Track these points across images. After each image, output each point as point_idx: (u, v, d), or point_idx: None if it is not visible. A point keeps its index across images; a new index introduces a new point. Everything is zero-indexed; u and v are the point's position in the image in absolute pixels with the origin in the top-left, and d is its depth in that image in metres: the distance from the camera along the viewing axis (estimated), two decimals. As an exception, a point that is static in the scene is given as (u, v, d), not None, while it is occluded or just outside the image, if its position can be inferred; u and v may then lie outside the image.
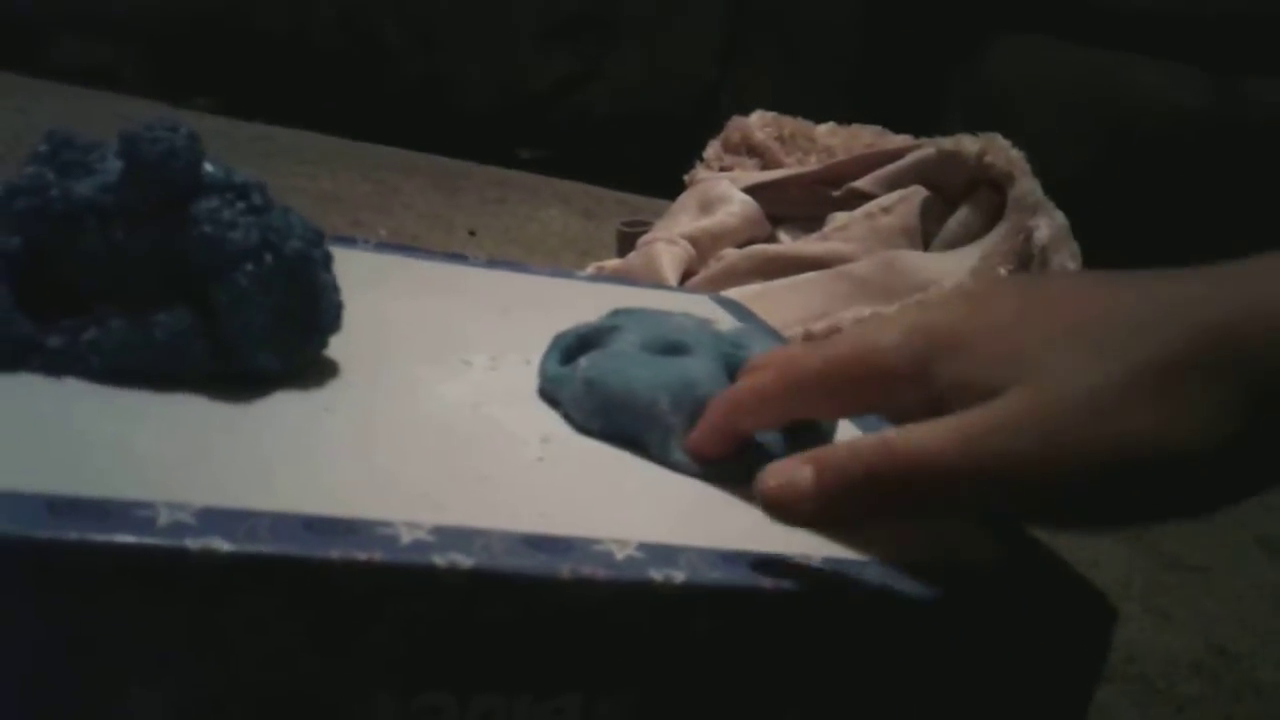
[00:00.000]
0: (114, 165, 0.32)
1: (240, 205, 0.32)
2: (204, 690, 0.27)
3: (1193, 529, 0.78)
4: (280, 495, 0.29)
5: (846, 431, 0.41)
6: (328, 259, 0.35)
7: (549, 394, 0.40)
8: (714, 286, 0.83)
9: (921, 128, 1.01)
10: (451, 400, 0.38)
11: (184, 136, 0.31)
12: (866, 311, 0.80)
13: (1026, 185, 0.87)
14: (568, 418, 0.39)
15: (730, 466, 0.36)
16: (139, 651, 0.26)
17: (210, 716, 0.27)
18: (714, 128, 1.10)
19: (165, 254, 0.32)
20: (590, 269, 0.92)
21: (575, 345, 0.41)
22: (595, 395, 0.38)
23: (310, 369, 0.36)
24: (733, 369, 0.38)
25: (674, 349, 0.39)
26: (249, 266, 0.32)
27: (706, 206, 0.96)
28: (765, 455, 0.35)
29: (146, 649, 0.26)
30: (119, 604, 0.25)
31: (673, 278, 0.86)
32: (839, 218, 0.93)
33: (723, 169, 1.05)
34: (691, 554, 0.30)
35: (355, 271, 0.39)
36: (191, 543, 0.26)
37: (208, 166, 0.32)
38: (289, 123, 1.50)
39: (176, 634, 0.26)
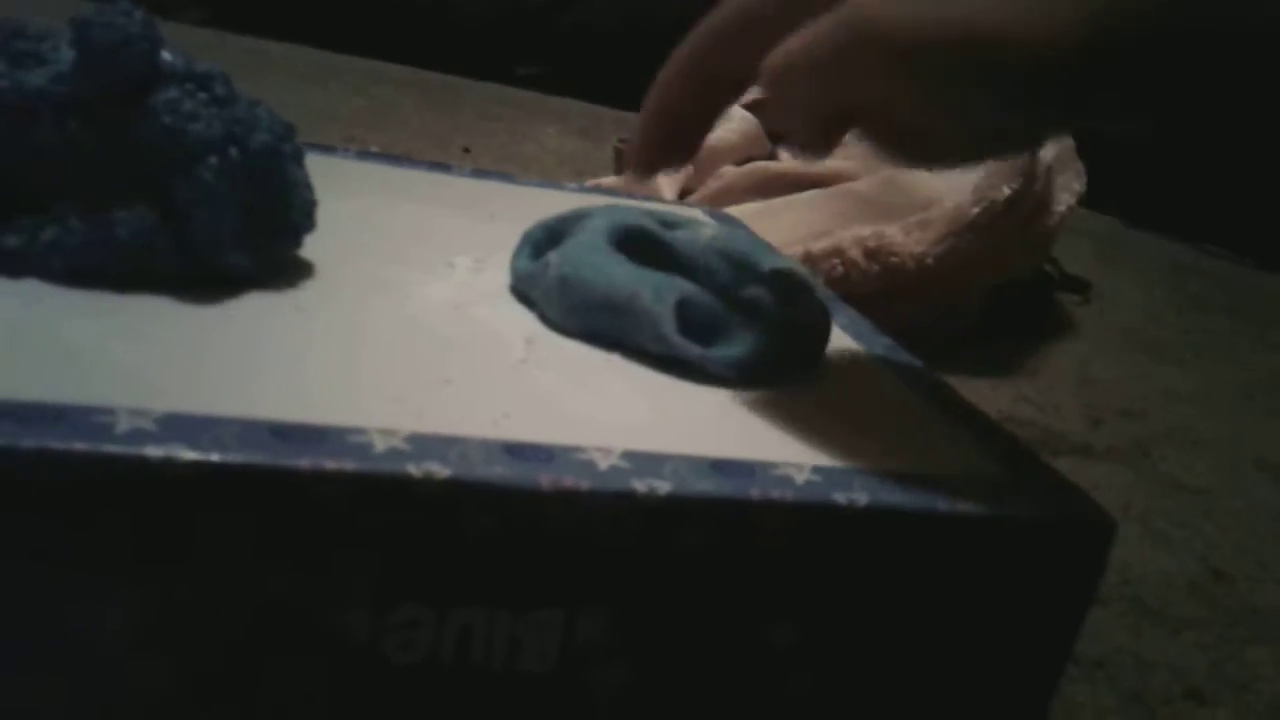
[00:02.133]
0: (68, 55, 0.30)
1: (202, 96, 0.30)
2: (169, 606, 0.25)
3: (1192, 451, 0.77)
4: (248, 401, 0.27)
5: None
6: (299, 154, 0.33)
7: (521, 292, 0.39)
8: (712, 204, 0.81)
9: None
10: (433, 300, 0.36)
11: (138, 22, 0.29)
12: (867, 230, 0.79)
13: (1034, 101, 0.85)
14: (543, 316, 0.37)
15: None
16: (99, 565, 0.25)
17: (177, 632, 0.26)
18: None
19: (124, 148, 0.30)
20: (587, 184, 0.90)
21: (544, 239, 0.40)
22: (571, 293, 0.36)
23: (283, 269, 0.34)
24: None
25: (641, 236, 0.38)
26: (213, 160, 0.30)
27: (705, 122, 0.94)
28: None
29: (107, 563, 0.25)
30: (76, 515, 0.24)
31: (670, 194, 0.84)
32: (840, 135, 0.91)
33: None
34: (678, 462, 0.29)
35: (335, 178, 0.38)
36: (152, 451, 0.24)
37: (166, 55, 0.31)
38: (282, 37, 1.46)
39: (138, 547, 0.25)
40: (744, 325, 0.36)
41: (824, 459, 0.31)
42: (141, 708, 0.26)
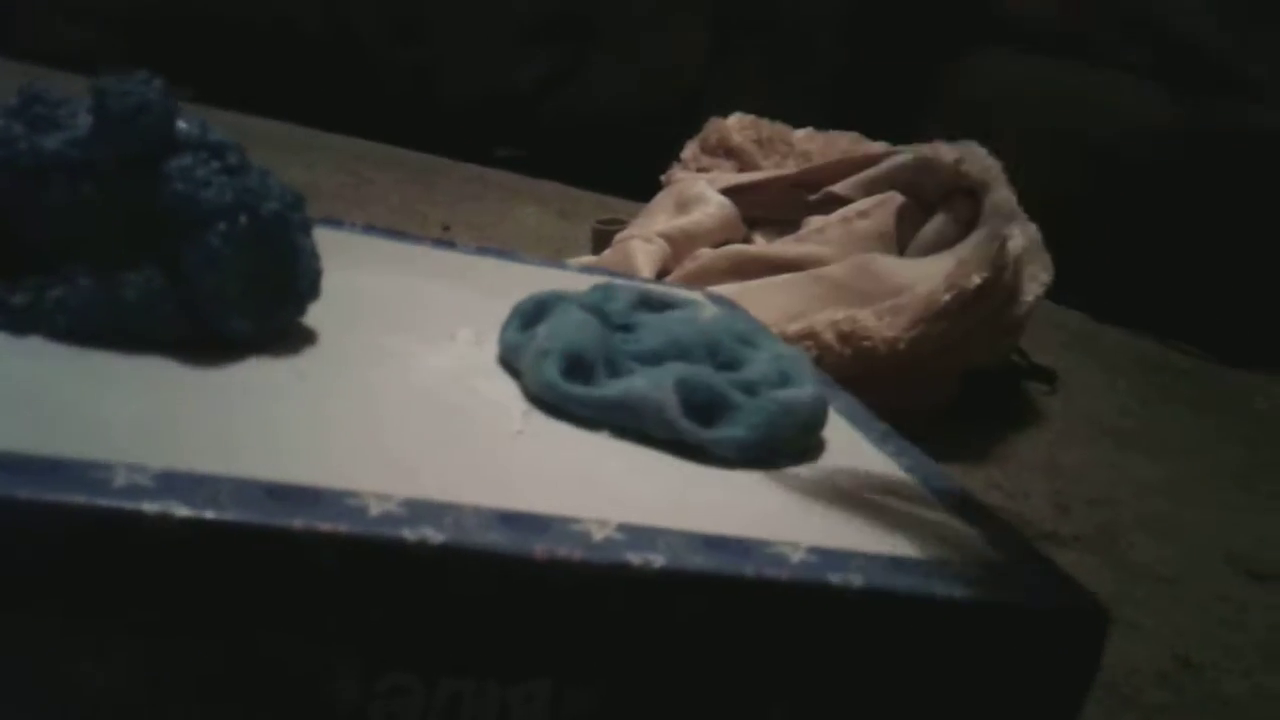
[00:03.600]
0: (85, 121, 0.31)
1: (215, 164, 0.31)
2: (159, 662, 0.25)
3: (1160, 540, 0.78)
4: (244, 461, 0.28)
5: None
6: (306, 224, 0.34)
7: (508, 362, 0.39)
8: (689, 284, 0.83)
9: (900, 135, 1.01)
10: (433, 371, 0.37)
11: (156, 90, 0.30)
12: (840, 314, 0.80)
13: (1002, 194, 0.87)
14: (525, 390, 0.37)
15: None
16: (93, 619, 0.25)
17: (165, 689, 0.26)
18: (693, 133, 1.09)
19: (136, 212, 0.31)
20: (577, 261, 0.91)
21: (533, 311, 0.40)
22: (560, 397, 0.37)
23: (286, 336, 0.35)
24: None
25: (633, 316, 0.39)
26: (222, 226, 0.31)
27: (683, 206, 0.96)
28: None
29: (100, 616, 0.25)
30: (72, 568, 0.24)
31: (648, 274, 0.86)
32: (815, 221, 0.93)
33: (700, 170, 1.04)
34: (673, 537, 0.29)
35: (341, 250, 0.39)
36: (148, 506, 0.25)
37: (182, 123, 0.31)
38: (266, 113, 1.48)
39: (131, 601, 0.25)
40: (744, 406, 0.37)
41: (820, 539, 0.32)
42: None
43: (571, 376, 0.36)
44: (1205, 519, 0.85)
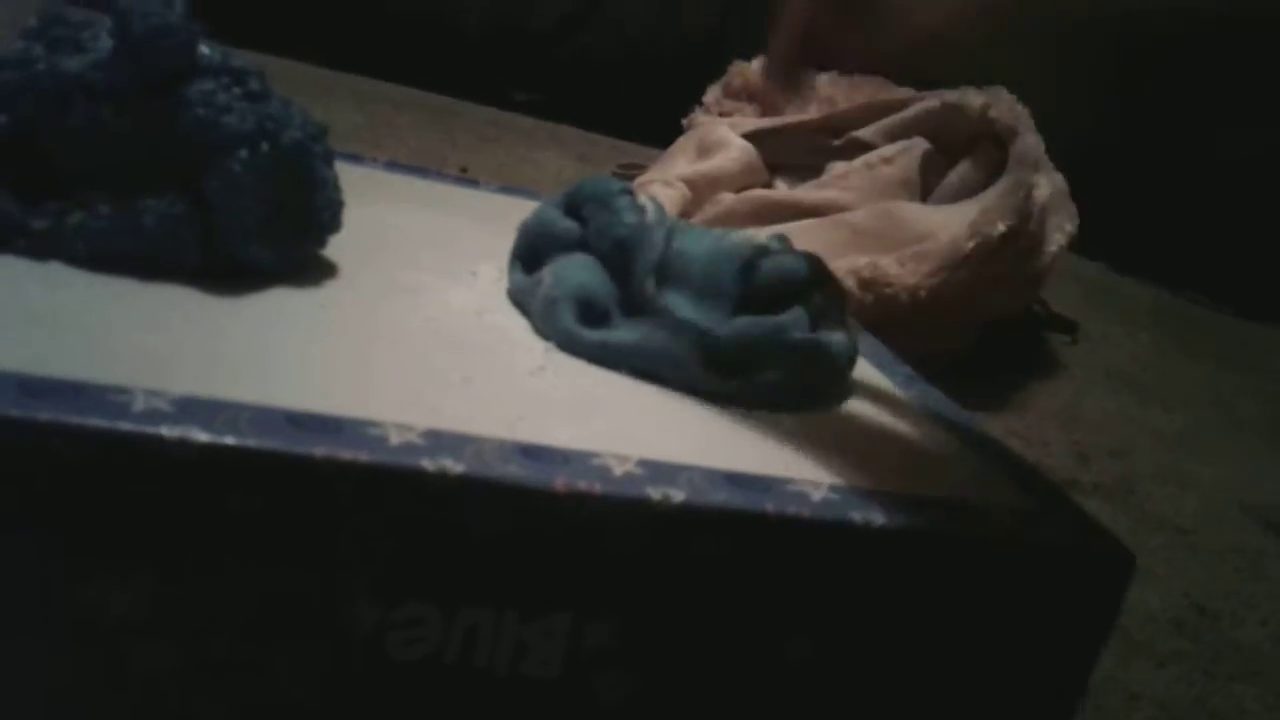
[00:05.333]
0: (107, 44, 0.30)
1: (236, 90, 0.31)
2: (175, 587, 0.25)
3: (1177, 491, 0.78)
4: (264, 389, 0.27)
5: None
6: (328, 155, 0.34)
7: (518, 302, 0.39)
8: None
9: (924, 82, 0.99)
10: (454, 305, 0.37)
11: (179, 13, 0.30)
12: (862, 260, 0.79)
13: (1030, 141, 0.86)
14: (537, 329, 0.37)
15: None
16: (111, 541, 0.25)
17: (181, 615, 0.26)
18: (714, 77, 1.08)
19: (156, 137, 0.30)
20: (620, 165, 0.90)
21: (528, 253, 0.39)
22: (568, 343, 0.36)
23: (307, 268, 0.35)
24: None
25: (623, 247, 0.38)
26: (243, 153, 0.30)
27: (705, 150, 0.95)
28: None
29: (118, 539, 0.25)
30: (91, 491, 0.24)
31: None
32: (838, 167, 0.92)
33: (722, 114, 1.03)
34: (693, 473, 0.29)
35: (362, 185, 0.38)
36: (167, 431, 0.24)
37: (204, 48, 0.31)
38: (283, 53, 1.46)
39: (149, 527, 0.25)
40: (773, 352, 0.36)
41: (841, 479, 0.32)
42: (142, 688, 0.26)
43: (587, 320, 0.36)
44: (1222, 471, 0.84)
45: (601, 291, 0.37)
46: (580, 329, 0.36)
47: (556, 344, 0.36)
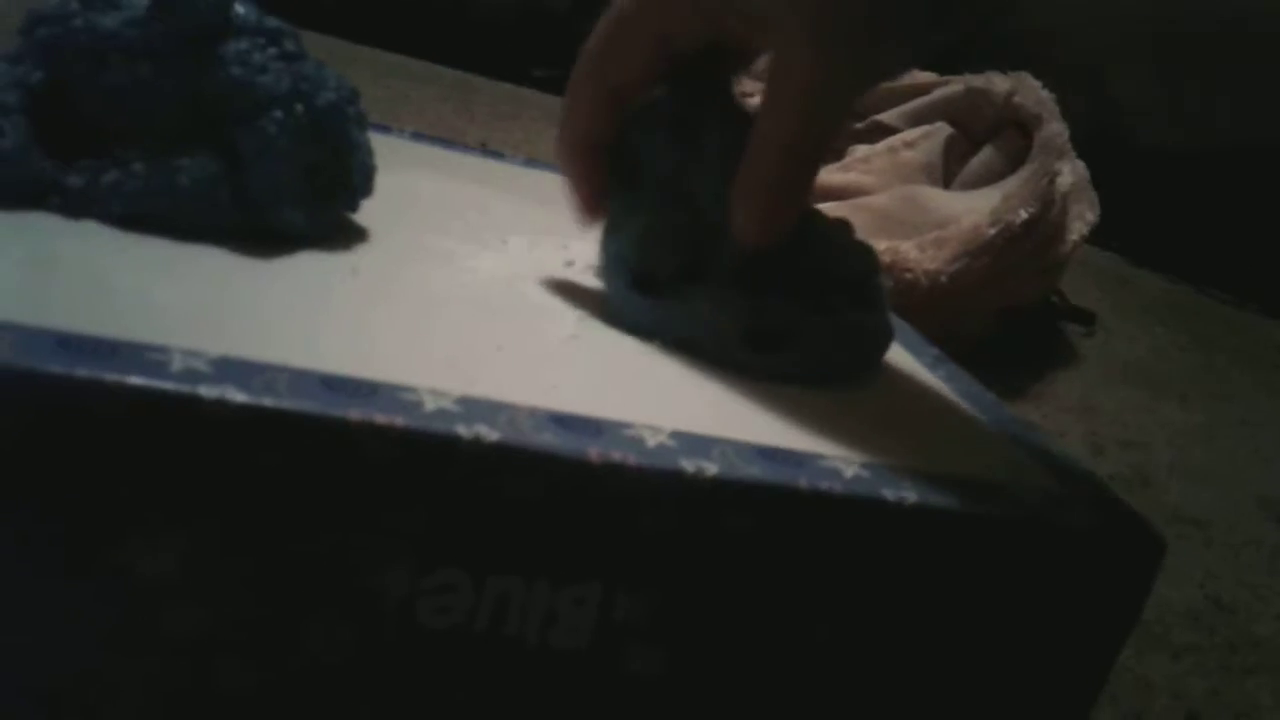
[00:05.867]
0: (143, 1, 0.30)
1: (272, 50, 0.30)
2: (210, 546, 0.25)
3: (1193, 484, 0.77)
4: (301, 352, 0.27)
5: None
6: (361, 118, 0.33)
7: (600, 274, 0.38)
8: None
9: (950, 65, 0.99)
10: (487, 273, 0.37)
11: (215, -29, 0.29)
12: (882, 245, 0.79)
13: (1055, 128, 0.85)
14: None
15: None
16: (145, 502, 0.25)
17: (214, 574, 0.26)
18: (736, 55, 1.07)
19: (192, 96, 0.30)
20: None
21: (619, 211, 0.38)
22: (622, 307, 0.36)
23: (339, 232, 0.34)
24: None
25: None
26: (278, 114, 0.30)
27: (726, 131, 0.94)
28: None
29: (153, 500, 0.25)
30: (127, 451, 0.24)
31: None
32: (860, 150, 0.91)
33: (745, 95, 1.02)
34: (727, 447, 0.29)
35: (392, 154, 0.38)
36: (206, 390, 0.24)
37: (239, 8, 0.31)
38: (300, 24, 1.46)
39: (185, 486, 0.25)
40: (809, 330, 0.36)
41: (874, 457, 0.31)
42: (171, 650, 0.26)
43: (641, 287, 0.36)
44: (1239, 465, 0.84)
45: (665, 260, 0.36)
46: (627, 291, 0.36)
47: (608, 301, 0.36)
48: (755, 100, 1.01)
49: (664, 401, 0.31)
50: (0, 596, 0.25)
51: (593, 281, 0.38)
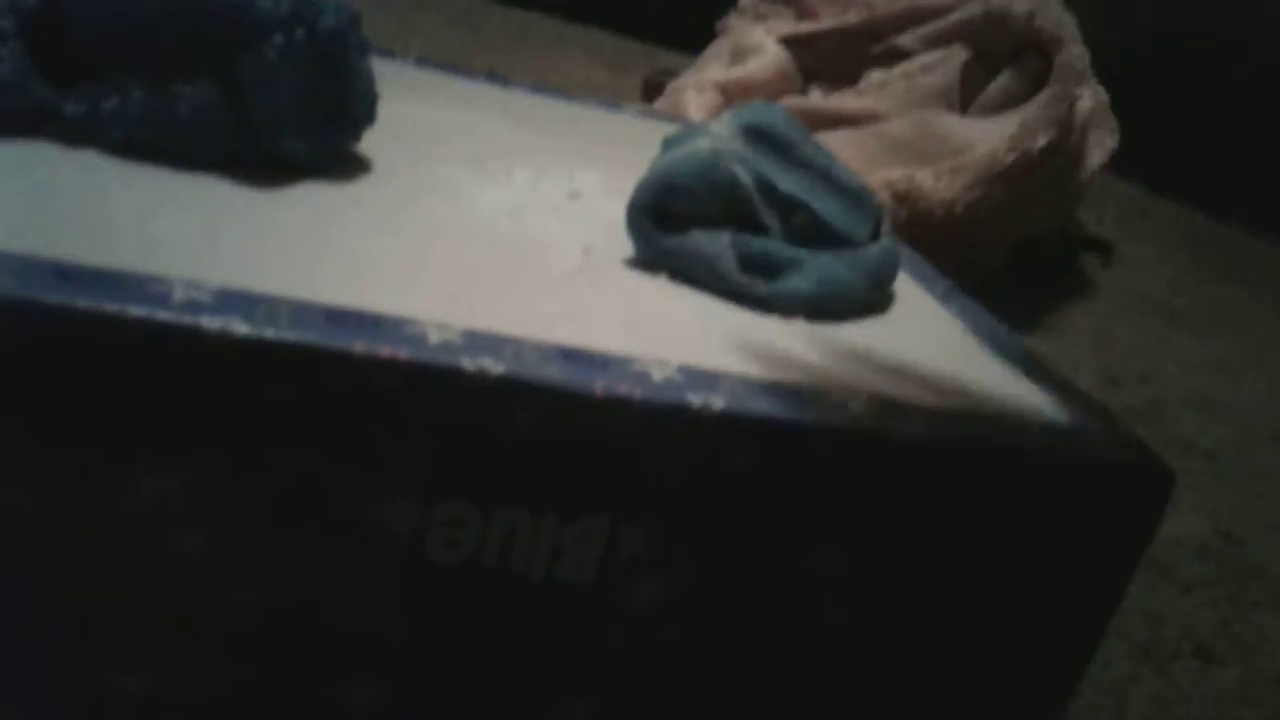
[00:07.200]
0: (138, -77, 0.29)
1: (271, -27, 0.30)
2: (214, 476, 0.25)
3: (1206, 416, 0.77)
4: (304, 284, 0.27)
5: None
6: (363, 45, 0.33)
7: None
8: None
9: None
10: (491, 206, 0.36)
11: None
12: (897, 173, 0.78)
13: (1075, 51, 0.83)
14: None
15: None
16: (148, 432, 0.25)
17: (219, 503, 0.26)
18: (748, -20, 1.05)
19: (190, 21, 0.29)
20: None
21: (673, 140, 0.37)
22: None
23: (341, 162, 0.34)
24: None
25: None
26: (278, 39, 0.29)
27: (739, 55, 0.93)
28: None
29: (156, 430, 0.25)
30: (129, 382, 0.24)
31: (699, 119, 0.83)
32: (875, 75, 0.89)
33: (758, 17, 1.00)
34: (734, 381, 0.29)
35: (395, 81, 0.37)
36: (207, 321, 0.24)
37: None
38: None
39: (187, 417, 0.25)
40: (807, 260, 0.35)
41: (882, 391, 0.31)
42: (177, 577, 0.26)
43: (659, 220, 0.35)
44: (1252, 397, 0.84)
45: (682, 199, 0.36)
46: (639, 217, 0.35)
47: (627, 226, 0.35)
48: (772, 21, 0.98)
49: (670, 335, 0.31)
50: (8, 528, 0.25)
51: (598, 214, 0.38)
